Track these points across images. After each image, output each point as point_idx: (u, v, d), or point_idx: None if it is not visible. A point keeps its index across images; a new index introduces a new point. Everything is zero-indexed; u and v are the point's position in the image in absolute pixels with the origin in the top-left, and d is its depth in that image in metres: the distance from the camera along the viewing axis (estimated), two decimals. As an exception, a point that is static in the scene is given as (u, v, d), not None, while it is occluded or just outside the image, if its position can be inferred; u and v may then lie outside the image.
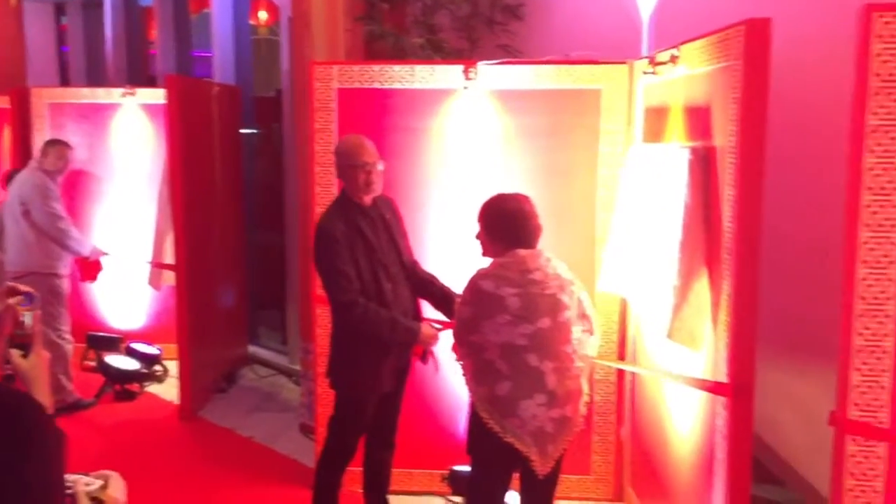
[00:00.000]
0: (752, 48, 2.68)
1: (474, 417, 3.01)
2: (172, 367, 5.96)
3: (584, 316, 3.11)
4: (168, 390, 5.98)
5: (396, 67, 4.18)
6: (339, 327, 3.50)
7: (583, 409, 3.09)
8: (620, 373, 4.19)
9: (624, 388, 4.21)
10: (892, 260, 2.47)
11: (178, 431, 5.39)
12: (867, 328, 2.50)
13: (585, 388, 3.10)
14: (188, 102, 5.54)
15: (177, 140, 5.39)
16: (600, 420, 4.25)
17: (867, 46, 2.42)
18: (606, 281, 3.83)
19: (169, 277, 5.74)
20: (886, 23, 2.40)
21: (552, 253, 3.15)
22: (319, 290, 3.65)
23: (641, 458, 3.95)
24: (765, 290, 2.82)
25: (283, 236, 6.55)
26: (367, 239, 3.44)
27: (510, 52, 4.89)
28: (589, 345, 3.12)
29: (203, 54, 8.22)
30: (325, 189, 4.11)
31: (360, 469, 3.79)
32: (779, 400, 3.97)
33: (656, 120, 3.69)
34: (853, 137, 2.46)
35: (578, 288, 3.13)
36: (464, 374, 3.06)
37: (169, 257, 5.67)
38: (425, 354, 3.58)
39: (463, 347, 3.05)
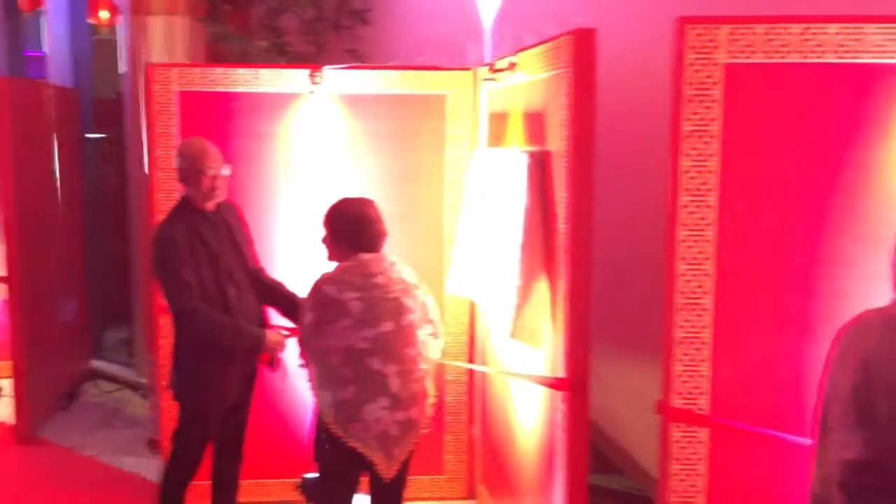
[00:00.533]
0: (579, 56, 2.79)
1: (319, 423, 2.99)
2: (6, 385, 5.62)
3: (428, 319, 3.15)
4: (2, 410, 5.62)
5: (240, 71, 4.10)
6: (181, 336, 3.40)
7: (428, 411, 3.13)
8: (471, 373, 4.28)
9: (475, 388, 4.30)
10: (708, 257, 2.64)
11: (13, 454, 5.08)
12: (687, 321, 2.66)
13: (431, 390, 3.14)
14: (19, 105, 5.23)
15: (7, 145, 5.07)
16: (452, 420, 4.32)
17: (681, 56, 2.58)
18: (455, 283, 3.89)
19: (1, 290, 5.40)
20: (698, 34, 2.56)
21: (401, 257, 3.18)
22: (162, 299, 3.53)
23: (492, 456, 4.04)
24: (600, 289, 2.94)
25: (127, 245, 6.28)
26: (210, 245, 3.36)
27: (357, 57, 4.90)
28: (433, 348, 3.16)
29: (37, 54, 7.78)
30: (167, 195, 3.98)
31: (208, 483, 3.69)
32: (618, 393, 4.16)
33: (499, 125, 3.79)
34: (671, 142, 2.62)
35: (423, 292, 3.17)
36: (309, 380, 3.04)
37: (0, 269, 5.33)
38: (273, 361, 3.52)
39: (308, 353, 3.03)
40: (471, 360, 4.23)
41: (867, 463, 1.75)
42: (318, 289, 3.00)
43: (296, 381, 3.86)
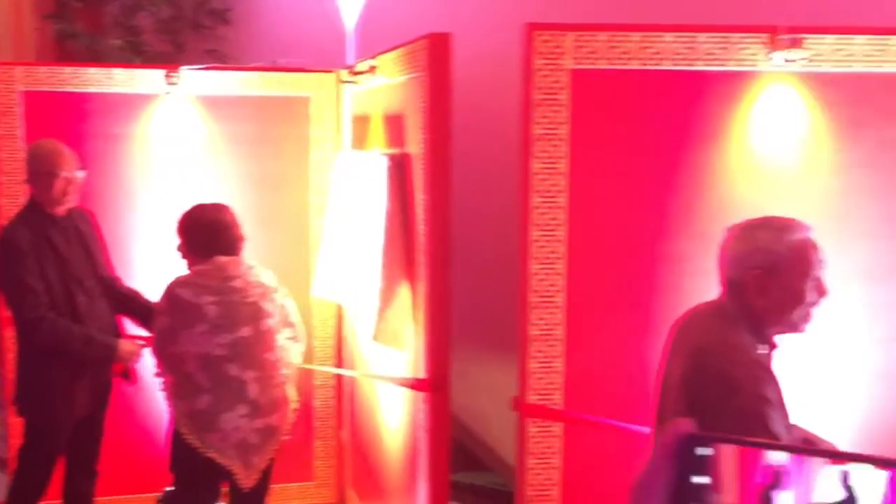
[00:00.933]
0: (434, 60, 2.83)
1: (175, 434, 2.91)
2: None
3: (288, 323, 3.12)
4: None
5: (91, 70, 3.93)
6: (26, 347, 3.23)
7: (290, 417, 3.09)
8: (340, 377, 4.25)
9: (343, 392, 4.27)
10: (560, 256, 2.72)
11: None
12: (541, 318, 2.74)
13: (293, 395, 3.11)
14: None
15: None
16: (321, 425, 4.28)
17: (530, 62, 2.65)
18: (320, 286, 3.87)
19: None
20: (545, 40, 2.64)
21: (266, 261, 3.14)
22: (6, 309, 3.34)
23: (361, 460, 4.03)
24: (462, 289, 2.99)
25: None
26: (59, 251, 3.21)
27: (218, 58, 4.79)
28: (294, 352, 3.13)
29: None
30: (12, 201, 3.77)
31: (59, 502, 3.52)
32: (483, 391, 4.24)
33: (362, 127, 3.80)
34: (522, 145, 2.69)
35: (283, 295, 3.13)
36: (164, 390, 2.95)
37: None
38: (128, 373, 3.40)
39: (162, 361, 2.94)
40: (338, 364, 4.21)
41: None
42: (171, 292, 2.92)
43: (153, 392, 3.73)
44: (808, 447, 0.54)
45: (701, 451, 0.61)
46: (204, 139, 4.04)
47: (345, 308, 4.06)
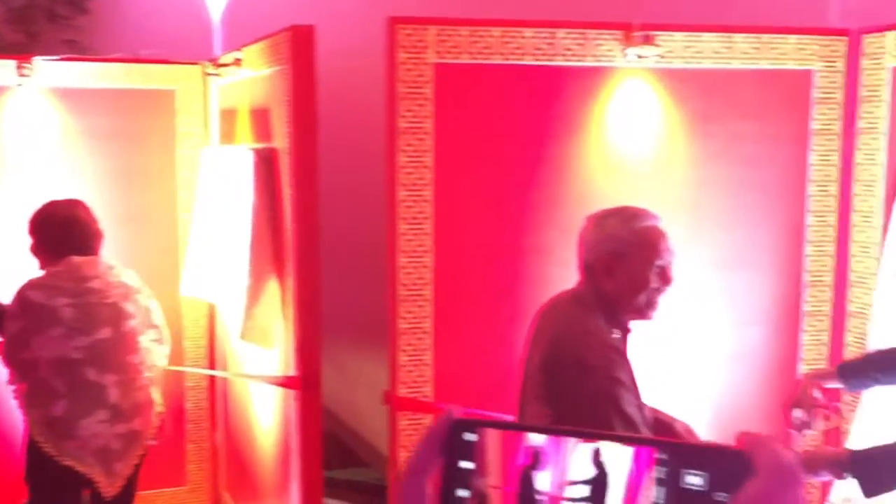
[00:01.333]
0: (297, 53, 2.79)
1: (30, 444, 2.77)
2: None
3: (152, 325, 3.01)
4: None
5: (-68, 60, 3.68)
6: None
7: (155, 421, 2.99)
8: (212, 378, 4.15)
9: (217, 394, 4.17)
10: (427, 249, 2.74)
11: None
12: (409, 312, 2.75)
13: (157, 398, 3.00)
14: None
15: None
16: (194, 428, 4.16)
17: (393, 55, 2.65)
18: (189, 285, 3.75)
19: None
20: (408, 34, 2.65)
21: (132, 260, 3.03)
22: None
23: (235, 462, 3.94)
24: (335, 284, 2.96)
25: None
26: None
27: (77, 49, 4.57)
28: (158, 354, 3.03)
29: None
30: None
31: None
32: (361, 386, 4.22)
33: (229, 121, 3.70)
34: (387, 139, 2.68)
35: (146, 296, 3.02)
36: (16, 398, 2.80)
37: None
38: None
39: (13, 368, 2.78)
40: (211, 365, 4.10)
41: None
42: (23, 295, 2.77)
43: (6, 401, 3.53)
44: (564, 427, 0.56)
45: (468, 436, 0.62)
46: (61, 134, 3.84)
47: (216, 307, 3.96)
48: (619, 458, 0.56)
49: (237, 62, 3.37)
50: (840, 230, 3.02)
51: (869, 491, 1.89)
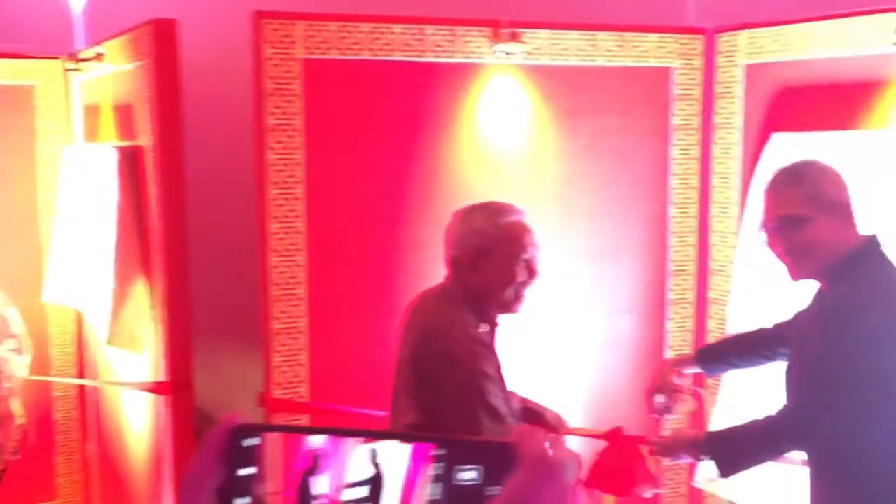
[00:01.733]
0: (160, 47, 2.69)
1: None
2: None
3: (10, 334, 2.86)
4: None
5: None
6: None
7: (15, 435, 2.84)
8: (82, 386, 3.97)
9: (87, 403, 3.99)
10: (300, 248, 2.70)
11: None
12: (283, 312, 2.71)
13: (18, 410, 2.86)
14: None
15: None
16: (63, 439, 3.97)
17: (260, 51, 2.60)
18: (52, 291, 3.58)
19: None
20: (274, 29, 2.60)
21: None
22: None
23: (108, 472, 3.79)
24: (208, 285, 2.88)
25: None
26: None
27: (-77, 41, 4.27)
28: (18, 364, 2.88)
29: None
30: None
31: None
32: (238, 388, 4.12)
33: (92, 119, 3.55)
34: (255, 136, 2.63)
35: (3, 304, 2.87)
36: None
37: None
38: None
39: None
40: (80, 373, 3.92)
41: (422, 425, 1.91)
42: None
43: None
44: (344, 429, 0.56)
45: (249, 441, 0.61)
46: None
47: (83, 313, 3.79)
48: (397, 456, 0.56)
49: (99, 57, 3.24)
50: (700, 221, 3.16)
51: (725, 471, 1.98)
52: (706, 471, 2.60)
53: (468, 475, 0.56)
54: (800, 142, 2.70)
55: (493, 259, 1.95)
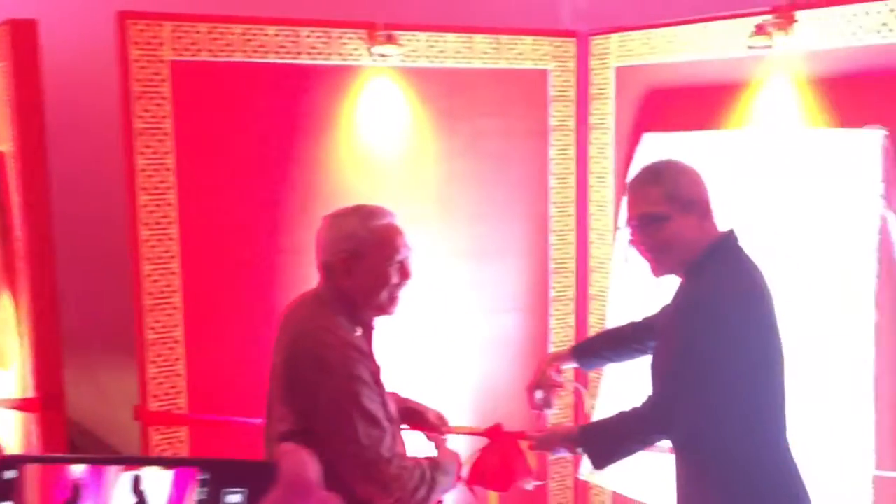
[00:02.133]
0: (19, 49, 2.57)
1: None
2: None
3: None
4: None
5: None
6: None
7: None
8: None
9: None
10: (174, 255, 2.63)
11: None
12: (158, 321, 2.63)
13: None
14: None
15: None
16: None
17: (125, 52, 2.51)
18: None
19: None
20: (140, 30, 2.52)
21: None
22: None
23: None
24: (80, 296, 2.76)
25: None
26: None
27: None
28: None
29: None
30: None
31: None
32: (116, 400, 3.98)
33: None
34: (123, 140, 2.54)
35: None
36: None
37: None
38: None
39: None
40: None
41: (298, 433, 1.88)
42: None
43: None
44: (103, 456, 0.55)
45: (7, 474, 0.59)
46: None
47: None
48: (160, 482, 0.55)
49: (-46, 57, 3.06)
50: (579, 219, 3.24)
51: (597, 462, 2.03)
52: (588, 463, 2.67)
53: (233, 498, 0.55)
54: (669, 141, 2.81)
55: (366, 262, 1.93)
